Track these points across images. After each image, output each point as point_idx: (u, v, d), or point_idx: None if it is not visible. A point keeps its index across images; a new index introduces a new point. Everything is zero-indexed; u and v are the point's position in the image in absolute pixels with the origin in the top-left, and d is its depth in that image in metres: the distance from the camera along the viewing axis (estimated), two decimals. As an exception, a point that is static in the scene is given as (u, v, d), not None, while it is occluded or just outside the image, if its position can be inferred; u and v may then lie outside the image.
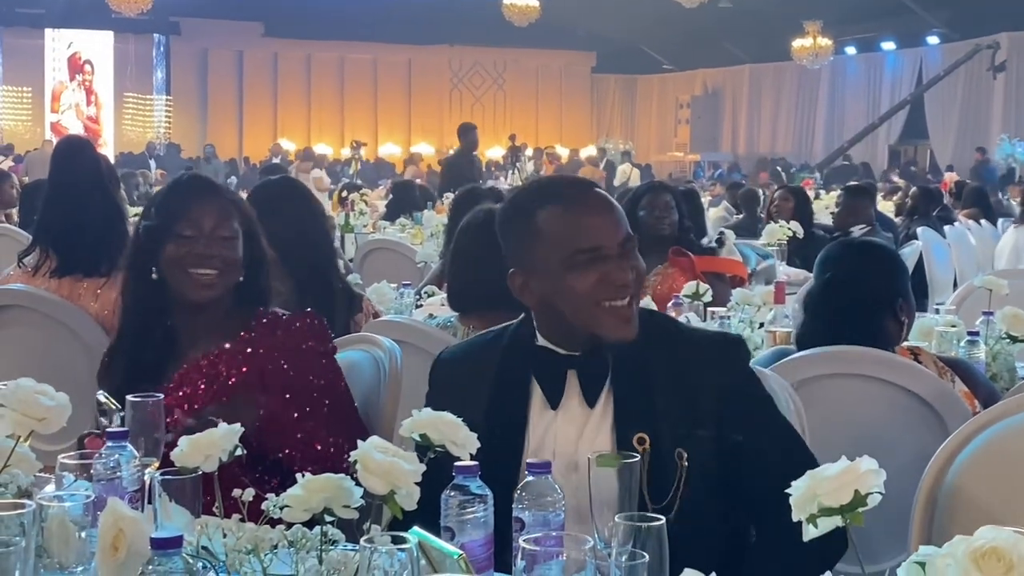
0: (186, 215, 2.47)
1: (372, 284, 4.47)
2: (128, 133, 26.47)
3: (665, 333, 2.14)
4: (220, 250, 2.46)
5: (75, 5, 23.38)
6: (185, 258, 2.45)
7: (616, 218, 2.08)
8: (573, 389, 2.08)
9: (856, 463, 1.42)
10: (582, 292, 2.03)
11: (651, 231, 4.99)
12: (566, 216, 2.05)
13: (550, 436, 2.08)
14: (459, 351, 2.29)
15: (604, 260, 2.03)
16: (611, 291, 2.03)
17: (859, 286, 2.84)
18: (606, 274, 2.03)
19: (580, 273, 2.03)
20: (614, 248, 2.04)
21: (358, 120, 27.87)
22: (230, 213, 2.51)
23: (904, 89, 23.91)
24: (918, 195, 8.85)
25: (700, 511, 1.98)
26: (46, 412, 1.87)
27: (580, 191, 2.11)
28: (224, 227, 2.47)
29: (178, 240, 2.45)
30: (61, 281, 3.78)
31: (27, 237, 5.59)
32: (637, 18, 22.90)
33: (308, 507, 1.66)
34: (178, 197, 2.53)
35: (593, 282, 2.03)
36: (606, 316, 2.04)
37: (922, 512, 2.19)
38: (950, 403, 2.68)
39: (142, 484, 1.86)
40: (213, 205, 2.49)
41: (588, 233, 2.04)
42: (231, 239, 2.48)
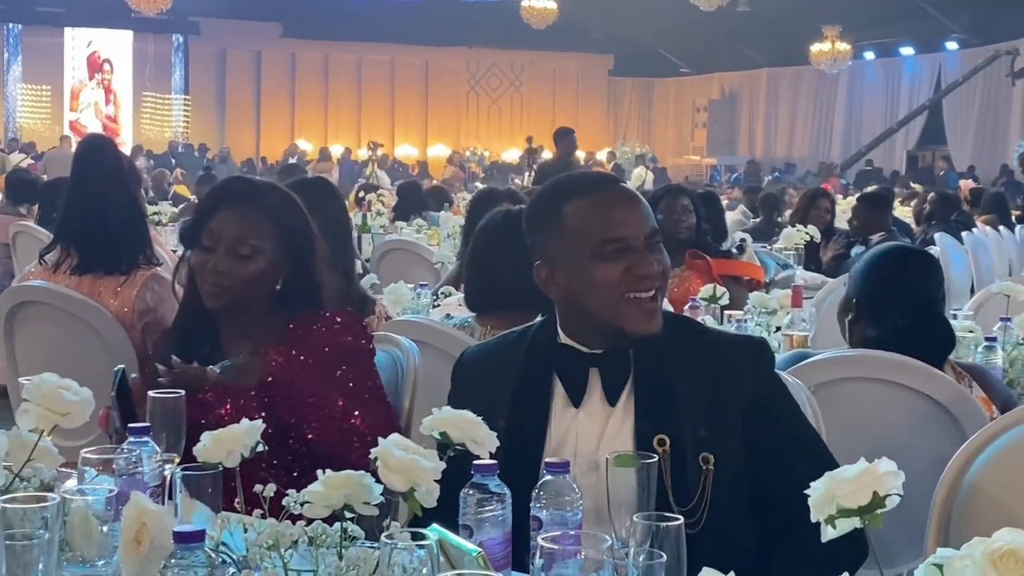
0: (208, 224, 2.47)
1: (389, 284, 4.45)
2: (146, 132, 26.57)
3: (689, 334, 2.15)
4: (233, 267, 2.44)
5: (95, 4, 23.48)
6: (199, 270, 2.47)
7: (643, 212, 2.10)
8: (595, 387, 2.09)
9: (875, 465, 1.43)
10: (608, 283, 2.04)
11: (669, 234, 4.98)
12: (593, 208, 2.07)
13: (571, 434, 2.09)
14: (482, 351, 2.30)
15: (630, 252, 2.05)
16: (636, 283, 2.04)
17: (929, 291, 2.90)
18: (632, 265, 2.04)
19: (606, 264, 2.04)
20: (640, 240, 2.06)
21: (375, 121, 27.92)
22: (256, 225, 2.46)
23: (922, 94, 23.84)
24: (936, 201, 8.83)
25: (726, 514, 1.98)
26: (70, 407, 1.89)
27: (608, 185, 2.14)
28: (244, 243, 2.44)
29: (199, 250, 2.47)
30: (82, 278, 3.79)
31: (46, 234, 5.63)
32: (655, 21, 22.89)
33: (329, 503, 1.67)
34: (210, 203, 2.53)
35: (619, 273, 2.04)
36: (631, 308, 2.05)
37: (939, 516, 2.19)
38: (967, 408, 2.68)
39: (163, 479, 1.87)
40: (239, 216, 2.46)
41: (615, 225, 2.05)
42: (247, 258, 2.44)
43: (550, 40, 24.23)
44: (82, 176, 3.87)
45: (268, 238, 2.46)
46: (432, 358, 3.05)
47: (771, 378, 2.15)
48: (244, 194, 2.52)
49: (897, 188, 16.62)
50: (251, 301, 2.48)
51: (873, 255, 3.03)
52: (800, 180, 20.95)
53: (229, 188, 2.58)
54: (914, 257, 3.06)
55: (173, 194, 12.92)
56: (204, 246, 2.45)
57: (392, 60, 28.12)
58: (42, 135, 24.66)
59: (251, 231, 2.45)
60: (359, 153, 25.31)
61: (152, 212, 8.25)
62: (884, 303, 2.88)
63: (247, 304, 2.48)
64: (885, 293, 2.89)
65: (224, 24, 26.00)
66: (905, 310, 2.86)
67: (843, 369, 2.82)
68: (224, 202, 2.49)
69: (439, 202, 9.87)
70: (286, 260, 2.48)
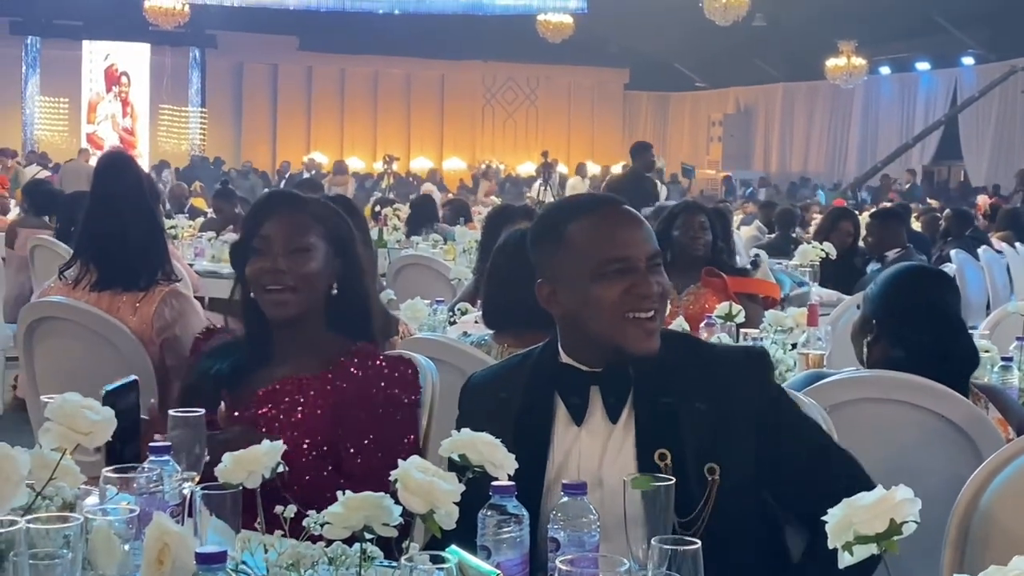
0: (259, 230, 2.50)
1: (406, 300, 4.46)
2: (163, 145, 26.70)
3: (687, 350, 2.18)
4: (292, 264, 2.46)
5: (113, 18, 23.63)
6: (259, 276, 2.47)
7: (645, 233, 2.13)
8: (596, 405, 2.12)
9: (892, 492, 1.44)
10: (608, 302, 2.07)
11: (685, 251, 5.02)
12: (596, 228, 2.11)
13: (575, 452, 2.11)
14: (486, 376, 2.33)
15: (631, 272, 2.08)
16: (636, 303, 2.07)
17: (951, 309, 2.93)
18: (633, 285, 2.07)
19: (607, 283, 2.07)
20: (642, 261, 2.09)
21: (391, 134, 28.02)
22: (307, 226, 2.50)
23: (938, 110, 23.79)
24: (951, 217, 8.81)
25: (728, 526, 2.00)
26: (91, 426, 1.90)
27: (611, 205, 2.17)
28: (297, 239, 2.48)
29: (254, 257, 2.49)
30: (101, 295, 3.82)
31: (64, 248, 5.66)
32: (670, 35, 22.91)
33: (348, 525, 1.68)
34: (254, 213, 2.56)
35: (619, 292, 2.07)
36: (630, 328, 2.07)
37: (955, 539, 2.19)
38: (983, 429, 2.68)
39: (183, 498, 1.89)
40: (288, 218, 2.50)
41: (617, 244, 2.09)
42: (305, 251, 2.47)
43: (566, 54, 24.29)
44: (102, 193, 3.90)
45: (319, 237, 2.51)
46: (449, 376, 3.05)
47: (772, 386, 2.18)
48: (289, 202, 2.57)
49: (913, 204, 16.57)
50: (311, 308, 2.49)
51: (891, 275, 3.03)
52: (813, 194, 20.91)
53: (273, 198, 2.63)
54: (932, 275, 3.08)
55: (190, 207, 12.98)
56: (258, 250, 2.48)
57: (408, 73, 28.22)
58: (59, 147, 24.79)
59: (303, 230, 2.50)
60: (375, 166, 25.40)
61: (169, 226, 8.29)
62: (907, 323, 2.88)
63: (307, 314, 2.49)
64: (907, 313, 2.89)
65: (241, 37, 26.12)
66: (930, 329, 2.86)
67: (859, 390, 2.81)
68: (271, 211, 2.53)
69: (456, 215, 9.89)
70: (337, 263, 2.52)
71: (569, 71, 28.40)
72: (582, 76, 29.14)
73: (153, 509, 1.78)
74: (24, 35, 25.30)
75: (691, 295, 4.87)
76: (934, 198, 18.34)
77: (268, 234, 2.49)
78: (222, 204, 9.74)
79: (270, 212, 2.52)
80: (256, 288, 2.49)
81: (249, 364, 2.51)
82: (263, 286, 2.48)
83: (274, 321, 2.50)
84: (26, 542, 1.53)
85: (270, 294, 2.47)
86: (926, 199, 18.53)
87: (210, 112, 27.17)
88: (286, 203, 2.56)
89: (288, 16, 24.18)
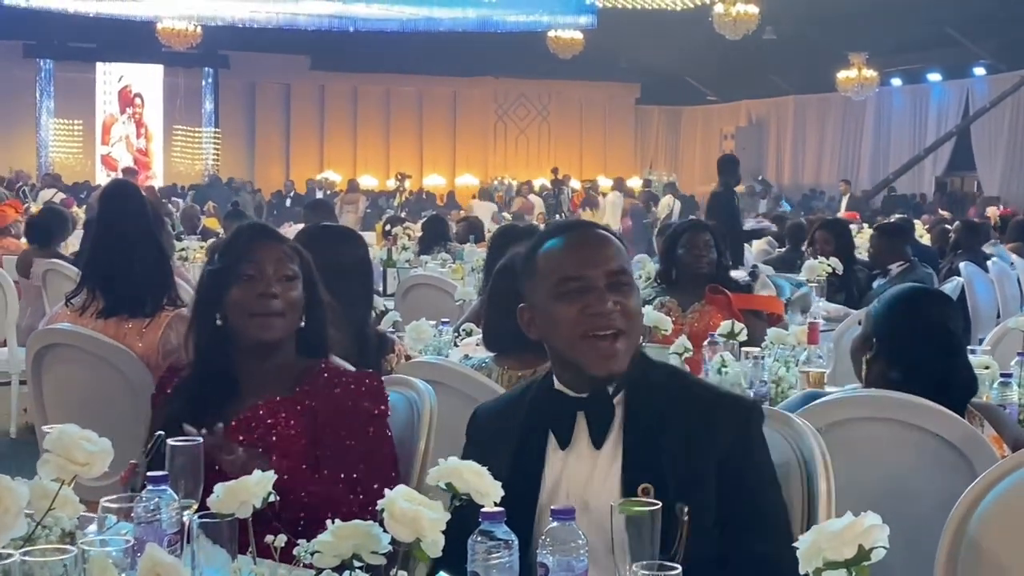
0: (249, 256, 2.56)
1: (411, 321, 4.44)
2: (177, 165, 26.86)
3: (681, 385, 2.17)
4: (282, 290, 2.54)
5: (126, 39, 23.77)
6: (249, 300, 2.53)
7: (608, 253, 2.13)
8: (582, 430, 2.13)
9: (860, 518, 1.46)
10: (566, 322, 2.08)
11: (690, 269, 5.04)
12: (560, 248, 2.14)
13: (564, 477, 2.13)
14: (491, 405, 2.37)
15: (588, 291, 2.08)
16: (592, 321, 2.07)
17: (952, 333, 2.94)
18: (587, 304, 2.07)
19: (566, 303, 2.09)
20: (600, 279, 2.09)
21: (403, 152, 28.11)
22: (290, 256, 2.60)
23: (950, 121, 23.75)
24: (961, 229, 8.78)
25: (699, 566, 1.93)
26: (89, 457, 1.93)
27: (578, 228, 2.21)
28: (286, 267, 2.57)
29: (242, 281, 2.54)
30: (107, 321, 3.85)
31: (76, 272, 5.70)
32: (681, 50, 22.94)
33: (338, 553, 1.71)
34: (241, 241, 2.62)
35: (576, 312, 2.08)
36: (588, 347, 2.07)
37: (947, 555, 2.22)
38: (978, 448, 2.68)
39: (181, 526, 1.91)
40: (274, 248, 2.59)
41: (575, 263, 2.11)
42: (292, 279, 2.57)
43: (577, 70, 24.34)
44: (108, 221, 3.95)
45: (300, 270, 2.60)
46: (449, 399, 3.07)
47: (753, 440, 2.12)
48: (271, 234, 2.68)
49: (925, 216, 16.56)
50: (289, 336, 2.56)
51: (893, 294, 3.05)
52: (830, 207, 20.88)
53: (257, 230, 2.70)
54: (934, 297, 3.09)
55: (202, 228, 13.04)
56: (248, 275, 2.54)
57: (420, 91, 28.31)
58: (74, 169, 24.99)
59: (289, 259, 2.59)
60: (388, 184, 25.47)
61: (179, 248, 8.34)
62: (906, 343, 2.89)
63: (285, 341, 2.56)
64: (907, 333, 2.90)
65: (253, 57, 26.27)
66: (928, 352, 2.87)
67: (854, 409, 2.83)
68: (257, 240, 2.61)
69: (467, 234, 9.92)
70: (305, 299, 2.60)
71: (580, 86, 28.45)
72: (593, 91, 29.19)
73: (151, 538, 1.81)
74: (38, 58, 25.52)
75: (696, 313, 4.89)
76: (947, 209, 18.27)
77: (259, 260, 2.55)
78: (232, 225, 9.78)
79: (257, 241, 2.60)
80: (240, 313, 2.53)
81: (213, 398, 2.53)
82: (252, 311, 2.52)
83: (251, 347, 2.54)
84: (22, 573, 1.56)
85: (259, 318, 2.52)
86: (937, 210, 18.48)
87: (223, 132, 27.32)
88: (269, 235, 2.66)
89: (300, 36, 24.29)
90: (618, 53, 25.50)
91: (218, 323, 2.56)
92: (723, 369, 3.63)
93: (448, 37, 23.90)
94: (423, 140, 28.62)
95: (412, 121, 28.53)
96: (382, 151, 28.29)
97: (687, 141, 30.61)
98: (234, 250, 2.60)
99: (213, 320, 2.56)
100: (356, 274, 3.66)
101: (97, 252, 3.93)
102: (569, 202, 20.26)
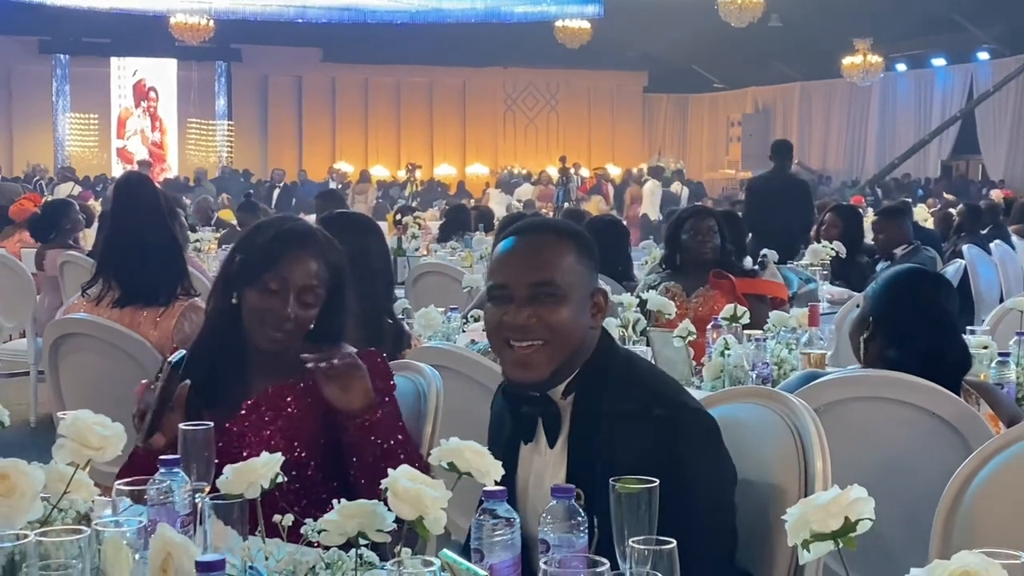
0: (277, 268, 2.49)
1: (421, 308, 4.47)
2: (191, 158, 26.96)
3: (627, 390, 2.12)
4: (300, 310, 2.49)
5: (140, 34, 23.88)
6: (264, 313, 2.49)
7: (538, 262, 2.10)
8: (540, 428, 2.17)
9: (846, 491, 1.50)
10: (491, 326, 2.14)
11: (694, 254, 5.08)
12: (499, 251, 2.18)
13: (531, 471, 2.18)
14: None
15: (508, 300, 2.10)
16: (507, 331, 2.10)
17: (947, 313, 2.97)
18: (504, 313, 2.10)
19: (492, 308, 2.14)
20: (521, 290, 2.09)
21: (414, 142, 28.17)
22: (319, 272, 2.51)
23: (955, 105, 23.70)
24: (964, 212, 8.79)
25: None
26: (102, 442, 1.98)
27: (521, 232, 2.17)
28: (308, 282, 2.49)
29: (263, 292, 2.49)
30: (123, 310, 3.92)
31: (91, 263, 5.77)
32: (688, 38, 22.91)
33: (343, 531, 1.76)
34: (273, 246, 2.52)
35: (497, 319, 2.12)
36: (507, 355, 2.12)
37: (941, 531, 2.24)
38: (974, 426, 2.72)
39: (194, 508, 1.97)
40: (304, 263, 2.50)
41: (502, 270, 2.14)
42: (311, 293, 2.50)
43: (585, 59, 24.34)
44: (121, 213, 4.02)
45: (323, 283, 2.53)
46: (456, 384, 3.12)
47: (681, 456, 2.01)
48: (304, 235, 2.56)
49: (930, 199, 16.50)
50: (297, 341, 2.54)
51: (890, 275, 3.10)
52: (837, 192, 20.85)
53: (293, 237, 2.56)
54: (930, 278, 3.12)
55: (217, 219, 13.11)
56: (270, 289, 2.48)
57: (430, 82, 28.34)
58: (91, 163, 25.12)
59: (316, 278, 2.51)
60: (399, 174, 25.53)
61: (194, 239, 8.40)
62: (902, 323, 2.94)
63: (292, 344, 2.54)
64: (903, 313, 2.95)
65: (265, 51, 26.35)
66: (924, 331, 2.92)
67: (850, 389, 2.87)
68: (288, 249, 2.51)
69: (477, 223, 9.97)
70: (323, 291, 2.55)
71: (588, 75, 28.44)
72: (601, 80, 29.17)
73: (164, 519, 1.87)
74: (53, 53, 25.63)
75: (700, 297, 4.94)
76: (952, 193, 18.22)
77: (286, 275, 2.49)
78: (246, 216, 9.87)
79: (289, 253, 2.51)
80: (252, 316, 2.51)
81: (223, 377, 2.54)
82: (263, 320, 2.50)
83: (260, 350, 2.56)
84: (37, 554, 1.62)
85: (269, 329, 2.50)
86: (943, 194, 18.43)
87: (237, 125, 27.41)
88: (303, 243, 2.54)
89: (311, 28, 24.35)
90: (625, 42, 25.47)
91: (233, 301, 2.54)
92: (726, 352, 3.66)
93: (457, 28, 23.93)
94: (433, 130, 28.65)
95: (422, 112, 28.56)
96: (393, 141, 28.34)
97: (694, 128, 30.58)
98: (264, 253, 2.51)
99: (230, 297, 2.55)
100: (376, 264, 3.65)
101: (112, 243, 4.01)
102: (577, 190, 20.24)
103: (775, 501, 2.21)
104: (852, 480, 1.84)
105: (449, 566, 1.67)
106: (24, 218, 8.30)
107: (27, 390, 7.02)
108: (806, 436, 2.27)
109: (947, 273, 5.88)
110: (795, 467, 2.25)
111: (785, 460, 2.25)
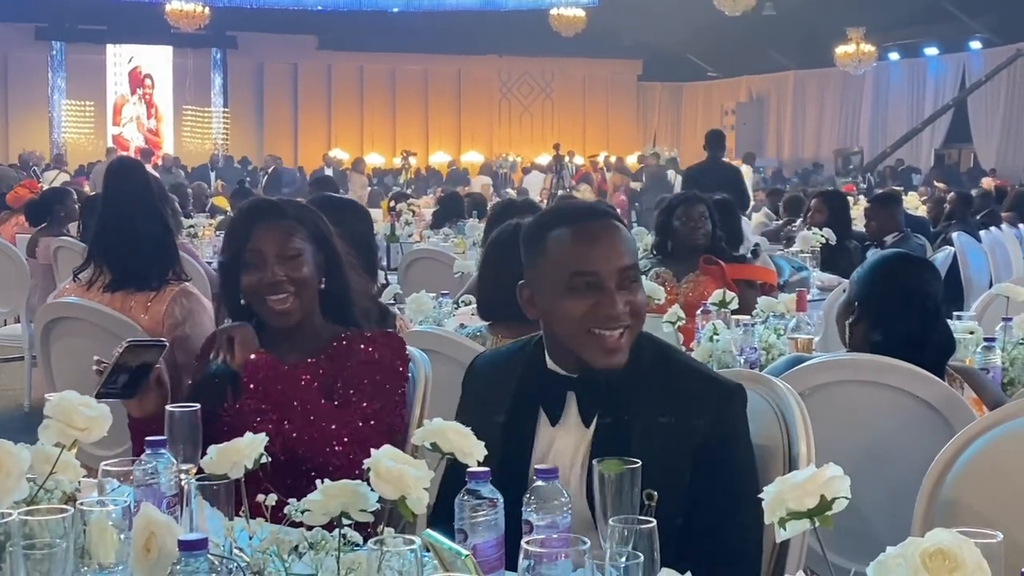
0: (249, 243, 2.57)
1: (412, 294, 4.48)
2: (187, 145, 26.93)
3: (666, 367, 2.17)
4: (288, 271, 2.55)
5: (136, 21, 23.87)
6: (258, 287, 2.56)
7: (620, 249, 2.12)
8: (572, 409, 2.16)
9: (822, 470, 1.51)
10: (573, 316, 2.09)
11: (685, 240, 5.10)
12: (571, 239, 2.12)
13: (552, 451, 2.17)
14: (490, 358, 2.39)
15: (599, 289, 2.09)
16: (601, 320, 2.08)
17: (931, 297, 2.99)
18: (598, 303, 2.08)
19: (575, 298, 2.09)
20: (612, 277, 2.09)
21: (409, 130, 28.15)
22: (292, 230, 2.59)
23: (947, 94, 23.77)
24: (955, 200, 8.82)
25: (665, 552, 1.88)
26: (87, 423, 1.99)
27: (591, 217, 2.16)
28: (286, 247, 2.57)
29: (248, 270, 2.57)
30: (114, 295, 3.91)
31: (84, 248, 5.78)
32: (682, 27, 22.92)
33: (327, 511, 1.77)
34: (241, 226, 2.63)
35: (585, 309, 2.09)
36: (593, 342, 2.09)
37: (923, 513, 2.26)
38: (956, 408, 2.74)
39: (180, 489, 1.98)
40: (272, 228, 2.58)
41: (588, 259, 2.10)
42: (296, 257, 2.57)
43: (579, 47, 24.34)
44: (113, 197, 4.00)
45: (303, 239, 2.60)
46: (444, 367, 3.13)
47: (732, 425, 2.12)
48: (269, 208, 2.65)
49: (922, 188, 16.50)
50: (308, 310, 2.59)
51: (875, 260, 3.12)
52: (829, 181, 20.87)
53: (254, 207, 2.70)
54: (914, 263, 3.14)
55: (211, 206, 13.10)
56: (252, 264, 2.56)
57: (425, 69, 28.31)
58: (86, 149, 25.09)
59: (289, 235, 2.58)
60: (394, 161, 25.51)
61: (188, 225, 8.41)
62: (887, 307, 2.95)
63: (305, 316, 2.59)
64: (888, 297, 2.96)
65: (261, 38, 26.31)
66: (908, 315, 2.93)
67: (835, 373, 2.88)
68: (255, 222, 2.60)
69: (470, 210, 9.99)
70: (320, 258, 2.62)
71: (583, 64, 28.42)
72: (596, 68, 29.15)
73: (149, 500, 1.88)
74: (49, 40, 25.57)
75: (690, 283, 4.96)
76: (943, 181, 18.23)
77: (259, 247, 2.57)
78: (240, 203, 9.84)
79: (254, 223, 2.60)
80: (254, 299, 2.58)
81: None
82: (263, 297, 2.56)
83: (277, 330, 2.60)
84: (22, 533, 1.63)
85: (271, 303, 2.56)
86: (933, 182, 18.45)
87: (232, 112, 27.39)
88: (266, 214, 2.63)
89: (307, 16, 24.34)
90: (620, 31, 25.47)
91: (242, 303, 2.61)
92: (715, 336, 3.68)
93: (452, 16, 23.92)
94: (428, 118, 28.63)
95: (417, 99, 28.53)
96: (388, 129, 28.32)
97: (688, 117, 30.57)
98: (236, 237, 2.61)
99: (238, 301, 2.61)
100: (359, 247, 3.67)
101: (103, 227, 3.99)
102: (571, 177, 20.23)
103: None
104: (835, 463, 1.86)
105: (432, 546, 1.69)
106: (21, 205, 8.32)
107: (22, 375, 7.06)
108: (791, 419, 2.29)
109: (936, 260, 5.90)
110: (779, 450, 2.28)
111: (770, 443, 2.27)
